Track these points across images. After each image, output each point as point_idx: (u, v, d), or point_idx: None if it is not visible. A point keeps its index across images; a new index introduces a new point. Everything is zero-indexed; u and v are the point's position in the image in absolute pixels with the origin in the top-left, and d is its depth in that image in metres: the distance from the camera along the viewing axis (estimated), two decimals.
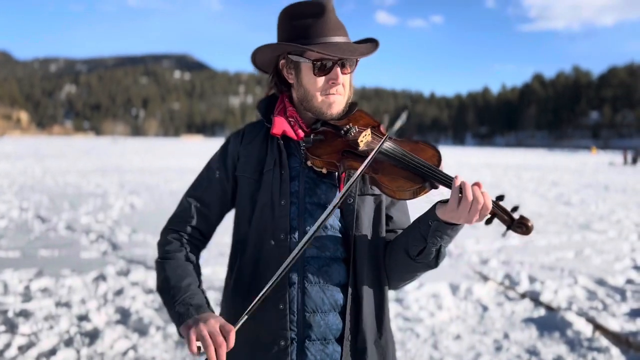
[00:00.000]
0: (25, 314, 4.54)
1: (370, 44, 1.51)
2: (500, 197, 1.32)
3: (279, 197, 1.47)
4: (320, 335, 1.46)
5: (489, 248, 7.71)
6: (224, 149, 1.61)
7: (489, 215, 1.31)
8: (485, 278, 6.01)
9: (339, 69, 1.45)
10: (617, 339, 4.23)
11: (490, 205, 1.28)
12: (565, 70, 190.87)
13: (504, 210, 1.30)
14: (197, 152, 50.88)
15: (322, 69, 1.45)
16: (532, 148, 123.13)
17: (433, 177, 1.33)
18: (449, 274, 6.13)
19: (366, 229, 1.50)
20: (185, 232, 1.57)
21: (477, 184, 1.29)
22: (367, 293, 1.49)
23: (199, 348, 1.25)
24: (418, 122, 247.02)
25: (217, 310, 4.60)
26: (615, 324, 4.55)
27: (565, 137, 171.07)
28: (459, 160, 42.09)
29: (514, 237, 8.49)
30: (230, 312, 1.56)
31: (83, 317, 4.51)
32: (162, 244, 1.56)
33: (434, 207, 1.37)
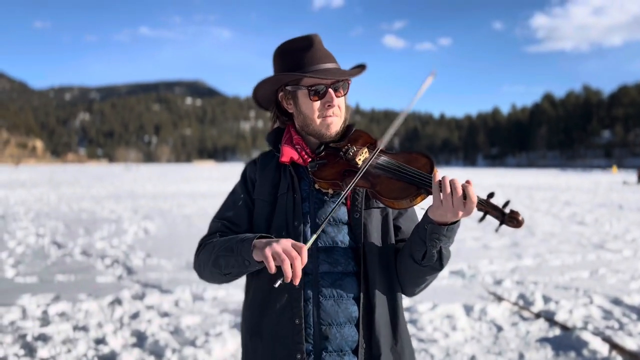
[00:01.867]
0: (43, 338, 4.60)
1: (358, 68, 1.64)
2: (491, 195, 1.37)
3: (292, 219, 1.57)
4: (337, 347, 1.52)
5: (502, 268, 7.67)
6: (243, 175, 1.74)
7: (481, 214, 1.37)
8: (499, 298, 5.98)
9: (332, 92, 1.57)
10: (634, 357, 4.19)
11: (474, 198, 1.34)
12: (575, 90, 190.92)
13: (494, 206, 1.35)
14: (209, 176, 51.24)
15: (316, 93, 1.57)
16: (544, 168, 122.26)
17: (425, 183, 1.42)
18: (463, 295, 6.12)
19: (375, 241, 1.58)
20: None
21: (467, 182, 1.37)
22: (380, 303, 1.56)
23: (277, 267, 1.33)
24: (429, 144, 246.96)
25: (234, 332, 4.62)
26: (632, 343, 4.50)
27: (578, 156, 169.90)
28: (471, 181, 41.83)
29: (527, 257, 8.45)
30: (249, 330, 1.64)
31: (100, 341, 4.56)
32: (197, 253, 1.66)
33: (427, 211, 1.45)
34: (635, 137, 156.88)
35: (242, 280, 1.70)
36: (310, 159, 1.62)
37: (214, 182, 39.30)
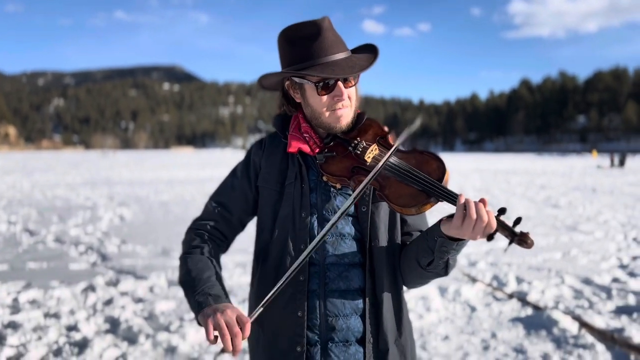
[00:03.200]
0: (13, 326, 4.52)
1: (369, 55, 1.54)
2: (502, 211, 1.31)
3: (300, 209, 1.54)
4: (343, 338, 1.52)
5: (477, 251, 7.77)
6: (247, 159, 1.67)
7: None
8: (473, 280, 6.06)
9: (341, 85, 1.49)
10: (602, 335, 4.29)
11: (494, 224, 1.29)
12: (552, 75, 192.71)
13: (505, 225, 1.29)
14: (187, 163, 50.79)
15: (325, 87, 1.49)
16: (521, 153, 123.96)
17: (437, 193, 1.36)
18: None
19: (382, 234, 1.55)
20: (207, 231, 1.64)
21: (482, 201, 1.31)
22: (386, 296, 1.55)
23: (215, 337, 1.30)
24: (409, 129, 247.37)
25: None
26: (601, 322, 4.61)
27: (554, 141, 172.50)
28: (449, 166, 42.16)
29: (502, 240, 8.57)
30: (257, 321, 1.63)
31: (72, 328, 4.50)
32: (186, 242, 1.64)
33: (439, 223, 1.40)
34: (610, 122, 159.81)
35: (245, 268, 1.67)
36: (318, 149, 1.56)
37: (193, 168, 38.96)
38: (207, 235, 1.63)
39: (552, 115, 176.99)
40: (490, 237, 1.29)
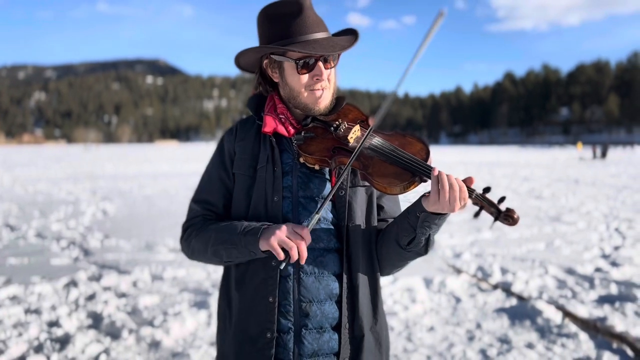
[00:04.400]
0: None
1: (349, 36, 1.53)
2: (487, 189, 1.36)
3: (272, 193, 1.50)
4: (317, 324, 1.50)
5: (462, 242, 7.81)
6: (220, 148, 1.64)
7: (477, 208, 1.36)
8: (458, 271, 6.09)
9: (321, 65, 1.47)
10: (585, 324, 4.33)
11: (466, 192, 1.33)
12: (535, 68, 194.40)
13: (490, 202, 1.34)
14: (171, 157, 50.37)
15: (305, 66, 1.47)
16: (505, 145, 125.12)
17: (422, 172, 1.38)
18: (423, 268, 6.19)
19: (359, 219, 1.54)
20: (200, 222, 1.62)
21: (469, 179, 1.37)
22: (362, 281, 1.53)
23: (285, 252, 1.37)
24: (393, 122, 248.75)
25: (193, 311, 4.55)
26: (583, 311, 4.65)
27: (537, 133, 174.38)
28: (434, 158, 42.15)
29: (486, 231, 8.63)
30: (224, 305, 1.61)
31: (53, 323, 4.42)
32: (185, 238, 1.62)
33: (420, 199, 1.42)
34: (592, 115, 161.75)
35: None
36: (295, 131, 1.54)
37: (177, 162, 38.65)
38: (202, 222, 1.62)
39: (535, 107, 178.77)
40: (476, 214, 1.36)
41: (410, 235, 1.44)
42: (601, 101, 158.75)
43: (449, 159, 40.58)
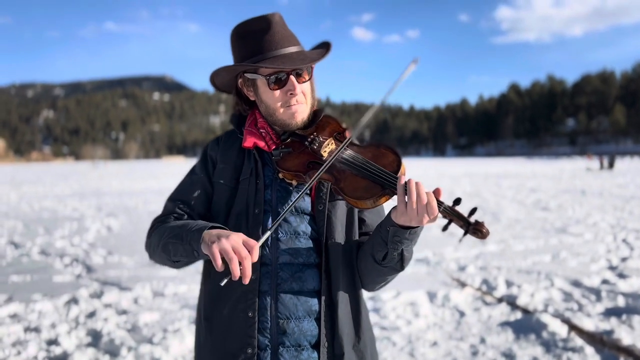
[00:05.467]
0: None
1: (320, 49, 1.52)
2: (457, 201, 1.29)
3: (253, 206, 1.48)
4: (295, 342, 1.45)
5: (467, 255, 7.73)
6: (204, 155, 1.63)
7: (446, 221, 1.30)
8: (462, 284, 6.01)
9: (294, 79, 1.45)
10: (591, 338, 4.25)
11: (434, 202, 1.27)
12: (540, 80, 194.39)
13: (459, 215, 1.28)
14: (177, 172, 50.53)
15: (277, 82, 1.45)
16: (512, 157, 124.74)
17: (390, 184, 1.34)
18: (427, 282, 6.13)
19: (339, 233, 1.50)
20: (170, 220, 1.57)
21: (436, 190, 1.30)
22: (342, 298, 1.49)
23: (224, 264, 1.23)
24: (399, 135, 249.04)
25: (193, 327, 4.49)
26: (590, 324, 4.56)
27: (544, 145, 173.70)
28: (439, 171, 42.43)
29: (491, 243, 8.54)
30: (202, 320, 1.57)
31: (52, 342, 4.39)
32: (149, 235, 1.57)
33: (390, 212, 1.38)
34: (598, 125, 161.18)
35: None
36: (274, 146, 1.52)
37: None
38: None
39: (541, 119, 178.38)
40: (445, 227, 1.29)
41: (384, 250, 1.40)
42: (607, 111, 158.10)
43: (455, 171, 40.46)
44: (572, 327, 4.46)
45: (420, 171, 41.87)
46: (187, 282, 6.22)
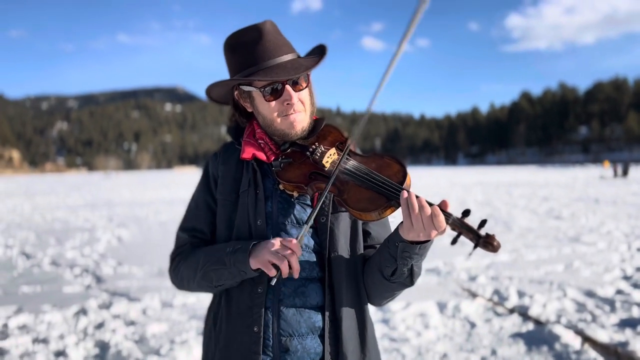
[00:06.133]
0: (0, 353, 4.40)
1: (315, 56, 1.48)
2: (466, 213, 1.23)
3: (255, 217, 1.45)
4: None
5: (478, 265, 7.63)
6: (205, 172, 1.61)
7: (455, 234, 1.24)
8: (473, 295, 5.93)
9: (290, 88, 1.41)
10: (605, 350, 4.15)
11: (439, 214, 1.22)
12: (552, 87, 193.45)
13: (469, 227, 1.21)
14: (189, 182, 50.74)
15: (273, 93, 1.42)
16: (524, 165, 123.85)
17: (395, 195, 1.30)
18: (437, 292, 6.05)
19: (342, 246, 1.46)
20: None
21: (443, 203, 1.27)
22: (347, 313, 1.45)
23: (275, 267, 1.32)
24: (410, 144, 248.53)
25: (200, 339, 4.47)
26: (604, 335, 4.47)
27: (556, 152, 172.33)
28: (451, 180, 42.20)
29: (503, 253, 8.44)
30: (209, 333, 1.55)
31: (60, 353, 4.38)
32: (174, 268, 1.57)
33: (397, 228, 1.34)
34: (612, 133, 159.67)
35: None
36: (274, 156, 1.49)
37: (194, 187, 38.85)
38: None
39: (553, 126, 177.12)
40: (454, 240, 1.22)
41: (393, 266, 1.36)
42: (621, 119, 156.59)
43: (466, 180, 40.21)
44: (586, 339, 4.37)
45: (432, 180, 41.68)
46: (195, 293, 6.19)
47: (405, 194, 1.26)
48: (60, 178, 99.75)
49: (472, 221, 1.24)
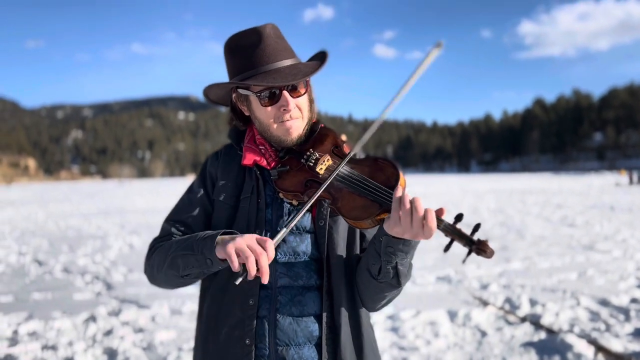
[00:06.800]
0: (9, 359, 4.42)
1: (315, 62, 1.45)
2: (459, 217, 1.17)
3: (254, 226, 1.43)
4: None
5: (489, 273, 7.54)
6: (203, 171, 1.58)
7: (448, 240, 1.20)
8: (485, 303, 5.85)
9: (287, 94, 1.39)
10: (619, 359, 4.07)
11: (432, 216, 1.18)
12: (566, 94, 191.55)
13: (461, 234, 1.17)
14: None
15: (269, 98, 1.39)
16: (538, 172, 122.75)
17: (387, 201, 1.26)
18: (448, 300, 5.98)
19: (341, 251, 1.43)
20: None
21: (440, 210, 1.22)
22: (345, 321, 1.41)
23: (242, 264, 1.20)
24: (422, 151, 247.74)
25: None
26: (618, 345, 4.38)
27: (571, 160, 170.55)
28: (463, 187, 41.92)
29: (515, 261, 8.34)
30: (199, 346, 1.52)
31: None
32: (148, 256, 1.52)
33: (383, 222, 1.29)
34: (627, 139, 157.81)
35: None
36: (274, 162, 1.47)
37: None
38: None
39: (567, 133, 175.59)
40: (447, 247, 1.17)
41: (378, 263, 1.32)
42: (636, 125, 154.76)
43: (479, 187, 39.92)
44: (599, 349, 4.28)
45: (444, 188, 41.44)
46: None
47: (398, 192, 1.22)
48: (74, 186, 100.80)
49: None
